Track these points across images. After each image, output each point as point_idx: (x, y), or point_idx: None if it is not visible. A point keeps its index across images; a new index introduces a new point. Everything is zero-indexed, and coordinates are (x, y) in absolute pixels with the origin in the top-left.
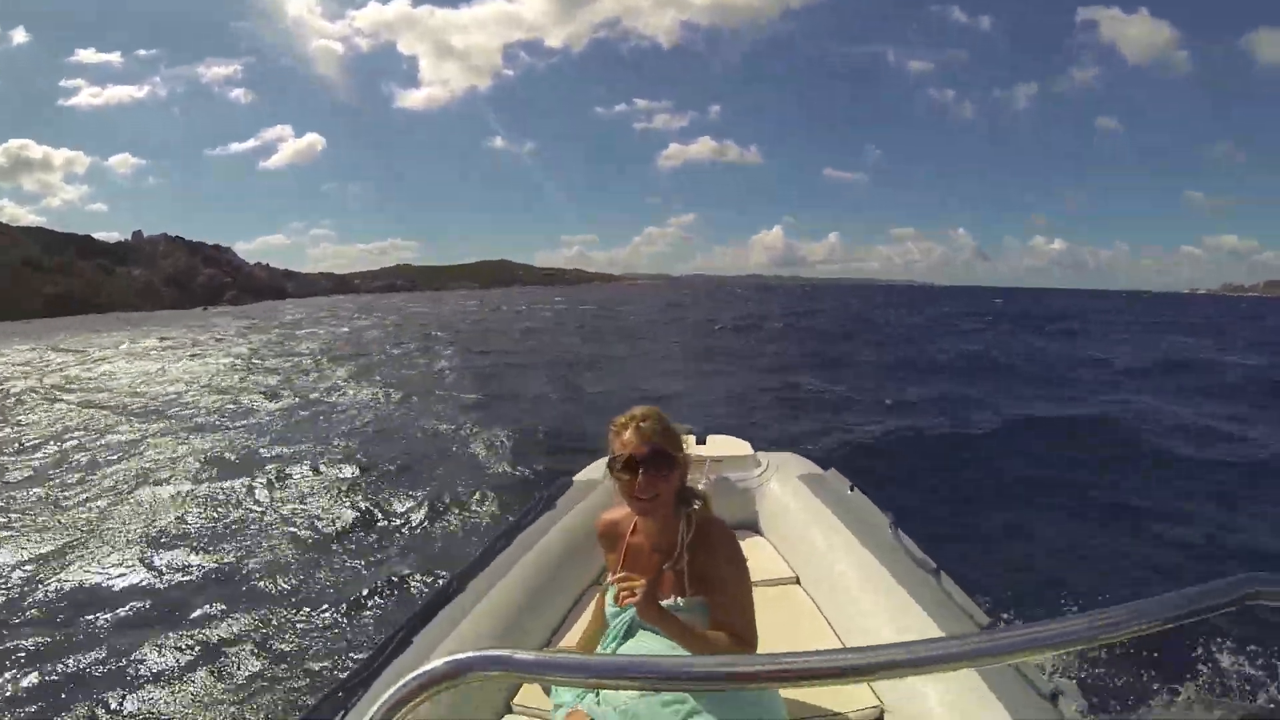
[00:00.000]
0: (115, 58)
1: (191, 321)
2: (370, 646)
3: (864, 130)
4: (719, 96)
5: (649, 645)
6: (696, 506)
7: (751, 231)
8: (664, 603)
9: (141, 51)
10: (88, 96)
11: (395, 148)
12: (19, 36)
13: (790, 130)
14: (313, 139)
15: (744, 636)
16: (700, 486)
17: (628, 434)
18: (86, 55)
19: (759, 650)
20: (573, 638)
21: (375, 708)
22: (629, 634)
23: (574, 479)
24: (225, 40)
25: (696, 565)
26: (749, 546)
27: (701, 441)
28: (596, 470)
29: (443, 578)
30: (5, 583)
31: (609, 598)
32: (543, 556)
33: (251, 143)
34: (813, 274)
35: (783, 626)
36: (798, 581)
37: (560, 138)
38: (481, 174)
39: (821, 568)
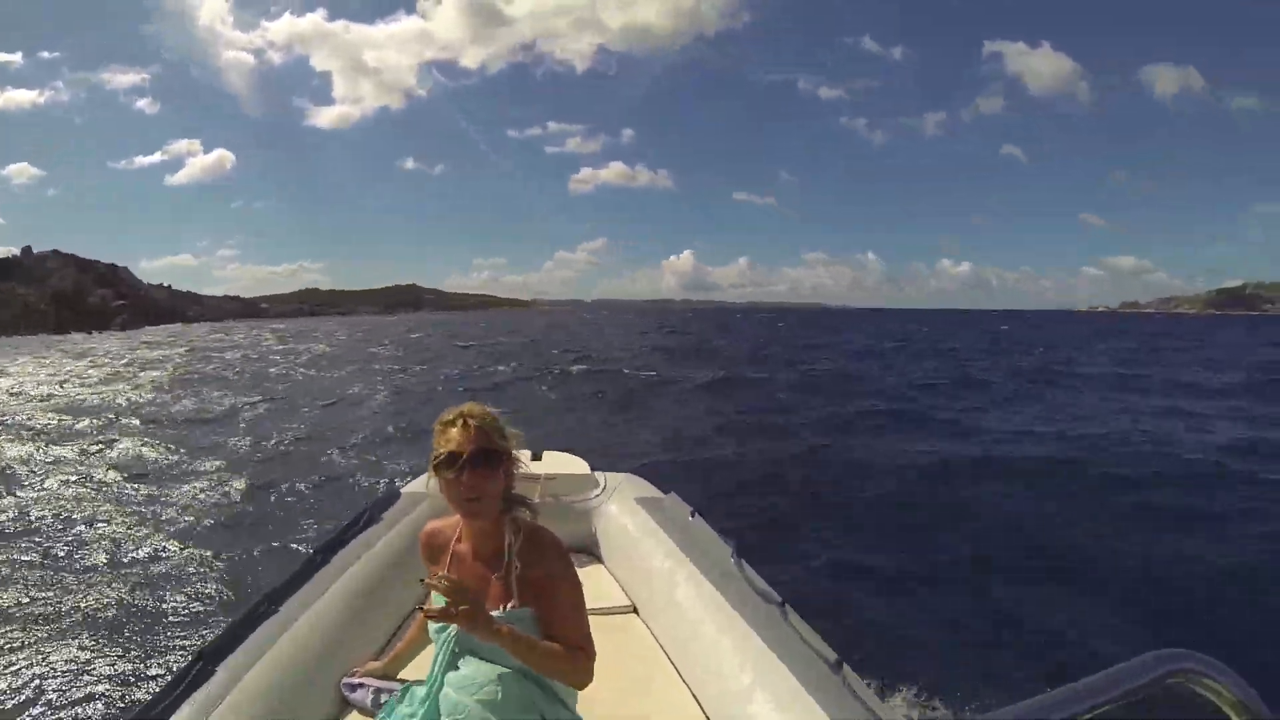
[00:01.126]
0: (15, 58)
1: (62, 347)
2: (163, 681)
3: (775, 156)
4: (631, 121)
5: (476, 670)
6: (525, 515)
7: (663, 256)
8: (492, 613)
9: (44, 54)
10: None
11: (306, 166)
12: None
13: (701, 155)
14: (222, 154)
15: (582, 648)
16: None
17: (454, 430)
18: None
19: (594, 679)
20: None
21: None
22: (455, 657)
23: (401, 490)
24: (132, 46)
25: (526, 573)
26: (585, 573)
27: (537, 457)
28: (425, 482)
29: (253, 597)
30: None
31: (434, 609)
32: (365, 574)
33: (158, 156)
34: (724, 297)
35: (619, 657)
36: (635, 611)
37: (472, 160)
38: (393, 195)
39: (660, 597)
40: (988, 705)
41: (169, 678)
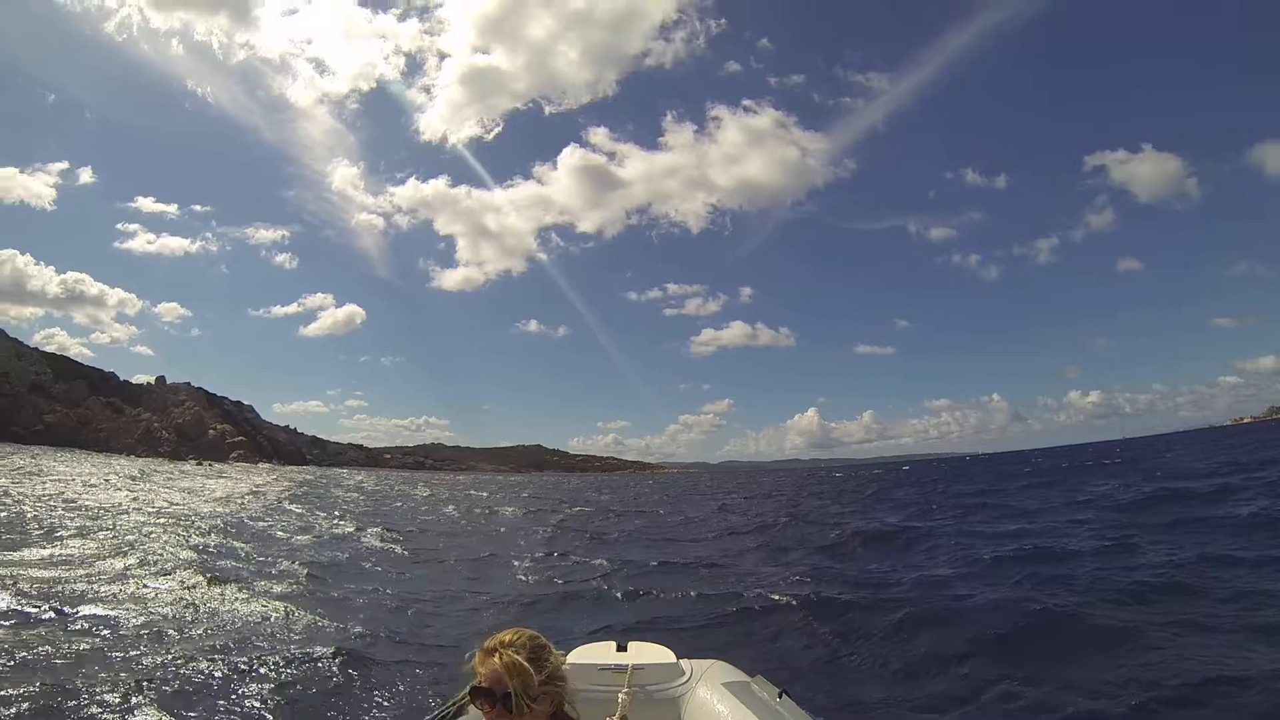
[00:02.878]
0: (172, 209)
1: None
2: None
3: (891, 303)
4: (749, 279)
5: None
6: None
7: (787, 414)
8: None
9: (197, 206)
10: (143, 242)
11: (433, 325)
12: (86, 176)
13: (820, 309)
14: (353, 310)
15: None
16: (620, 697)
17: (489, 663)
18: (145, 203)
19: None
20: None
21: None
22: None
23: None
24: (274, 206)
25: None
26: None
27: (622, 649)
28: None
29: None
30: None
31: None
32: None
33: (294, 307)
34: (849, 454)
35: None
36: None
37: (594, 323)
38: (517, 355)
39: None
40: None
41: None
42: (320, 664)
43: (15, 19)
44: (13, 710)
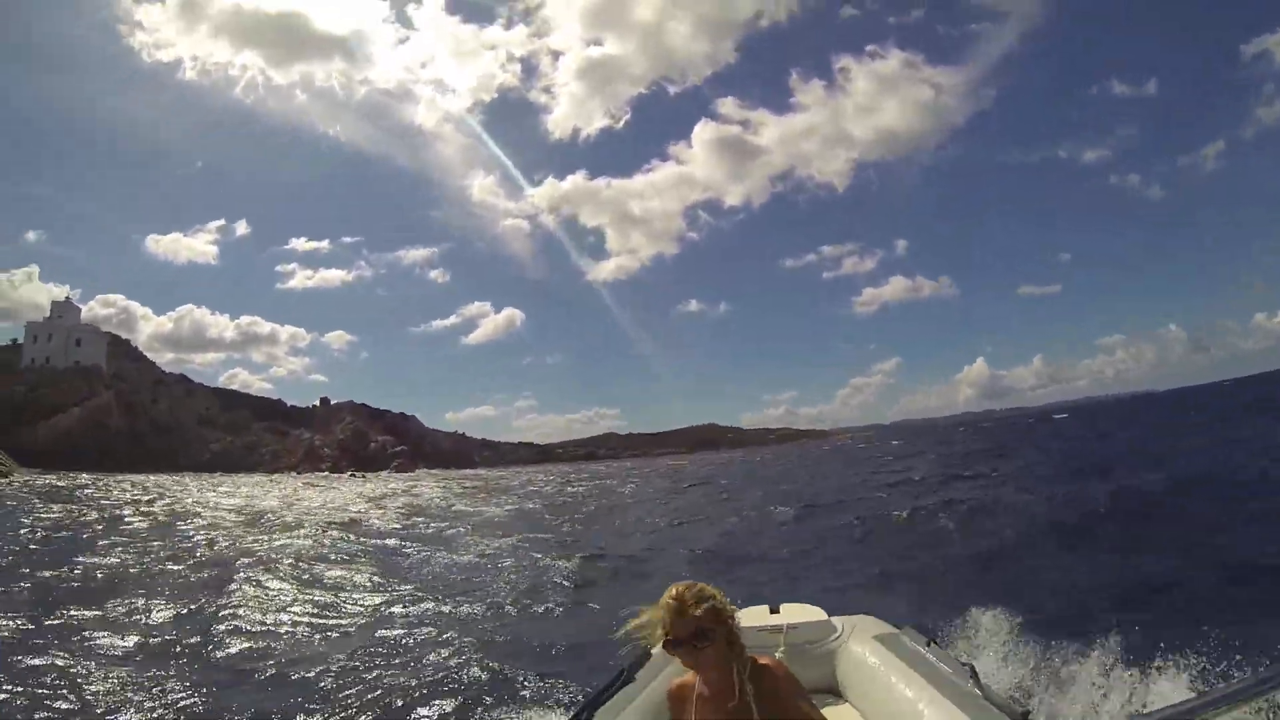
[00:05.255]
0: (324, 244)
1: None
2: None
3: (1051, 238)
4: (903, 231)
5: None
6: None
7: (955, 367)
8: None
9: (346, 239)
10: (302, 279)
11: (592, 317)
12: (241, 228)
13: (979, 254)
14: (511, 313)
15: None
16: (778, 655)
17: (670, 614)
18: (298, 243)
19: None
20: None
21: None
22: None
23: (653, 651)
24: (420, 227)
25: (761, 696)
26: (831, 712)
27: (775, 610)
28: None
29: None
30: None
31: None
32: None
33: (453, 319)
34: (1023, 402)
35: None
36: None
37: (752, 295)
38: (681, 337)
39: None
40: None
41: None
42: None
43: (156, 103)
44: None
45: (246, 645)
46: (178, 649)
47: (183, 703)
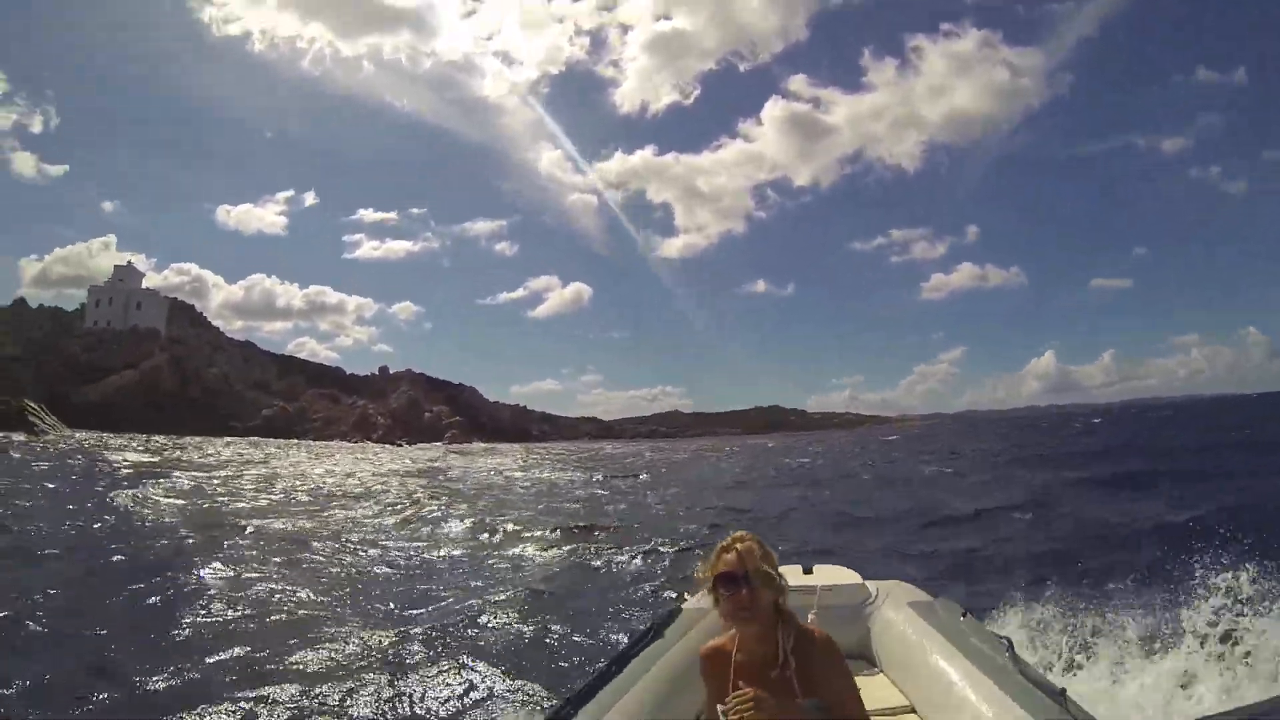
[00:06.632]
0: (391, 215)
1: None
2: None
3: (1126, 230)
4: (974, 216)
5: None
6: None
7: (1023, 359)
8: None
9: (414, 210)
10: (369, 249)
11: (659, 294)
12: (309, 199)
13: (1051, 243)
14: (579, 288)
15: None
16: (810, 617)
17: (729, 555)
18: (366, 214)
19: None
20: None
21: None
22: None
23: (683, 606)
24: (488, 199)
25: (803, 670)
26: (862, 679)
27: (809, 571)
28: (708, 598)
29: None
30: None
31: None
32: (650, 690)
33: (520, 292)
34: (1089, 399)
35: None
36: (914, 711)
37: (820, 277)
38: (747, 317)
39: (939, 697)
40: None
41: None
42: None
43: (226, 76)
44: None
45: None
46: None
47: None
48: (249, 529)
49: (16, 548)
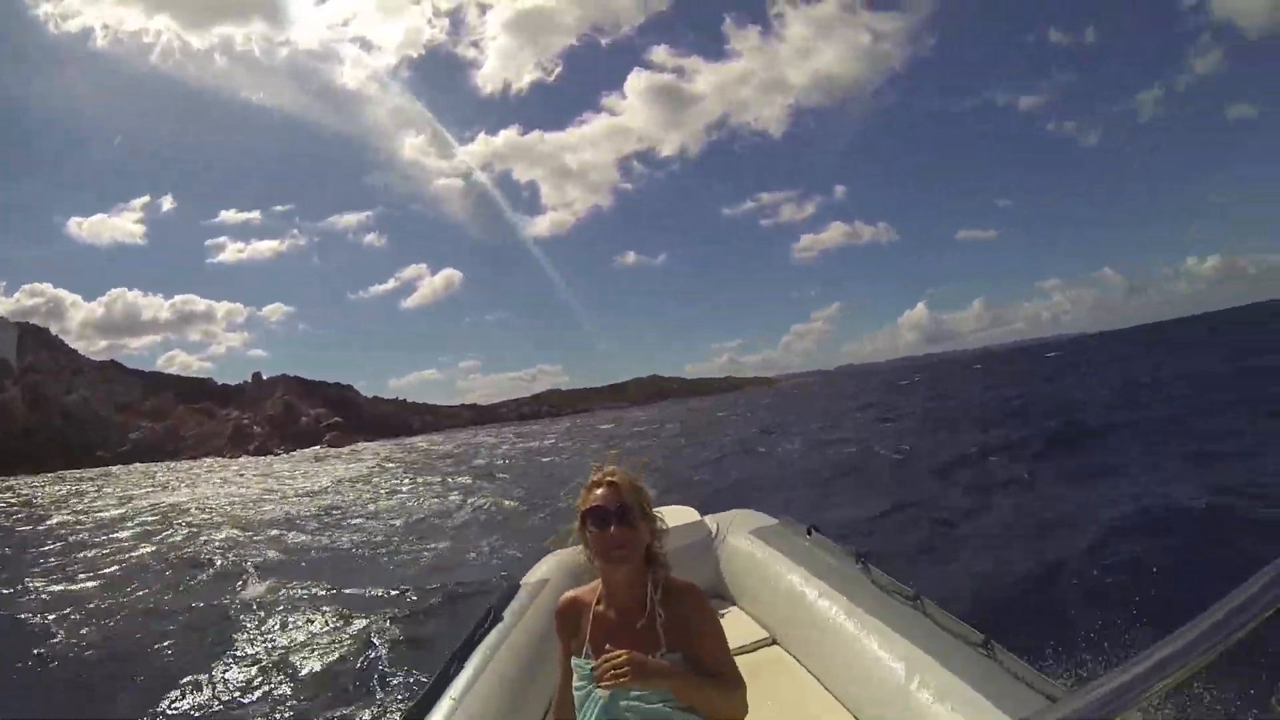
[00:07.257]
0: (255, 215)
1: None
2: None
3: (989, 183)
4: (841, 176)
5: None
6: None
7: (897, 312)
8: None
9: (277, 207)
10: (234, 252)
11: (531, 274)
12: (167, 203)
13: (917, 199)
14: (449, 274)
15: (733, 680)
16: None
17: (600, 490)
18: (228, 215)
19: (749, 711)
20: None
21: None
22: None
23: (520, 582)
24: (351, 191)
25: (670, 620)
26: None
27: None
28: (546, 567)
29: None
30: None
31: (578, 682)
32: (500, 675)
33: (391, 283)
34: (963, 345)
35: (769, 688)
36: (774, 642)
37: (691, 245)
38: (620, 290)
39: (797, 621)
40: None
41: None
42: None
43: (67, 77)
44: None
45: None
46: None
47: None
48: None
49: None
